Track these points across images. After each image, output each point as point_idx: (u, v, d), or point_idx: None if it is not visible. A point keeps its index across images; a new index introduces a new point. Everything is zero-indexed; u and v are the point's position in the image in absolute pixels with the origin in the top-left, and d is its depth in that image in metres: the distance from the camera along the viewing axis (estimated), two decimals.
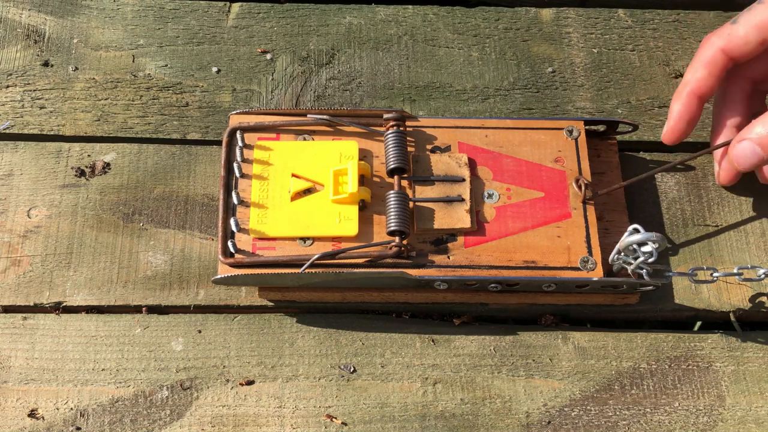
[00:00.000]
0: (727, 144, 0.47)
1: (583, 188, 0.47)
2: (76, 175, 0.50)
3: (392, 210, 0.45)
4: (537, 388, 0.46)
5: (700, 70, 0.46)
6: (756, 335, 0.48)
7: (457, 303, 0.48)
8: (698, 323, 0.50)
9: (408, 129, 0.49)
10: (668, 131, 0.48)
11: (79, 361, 0.46)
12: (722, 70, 0.45)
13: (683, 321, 0.50)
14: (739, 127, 0.48)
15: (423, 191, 0.47)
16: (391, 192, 0.45)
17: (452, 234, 0.46)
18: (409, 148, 0.48)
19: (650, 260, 0.44)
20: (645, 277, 0.45)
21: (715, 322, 0.49)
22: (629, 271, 0.45)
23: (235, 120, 0.49)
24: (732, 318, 0.48)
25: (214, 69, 0.54)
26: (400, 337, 0.47)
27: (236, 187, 0.46)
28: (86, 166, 0.51)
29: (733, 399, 0.46)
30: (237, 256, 0.45)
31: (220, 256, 0.44)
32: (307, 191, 0.47)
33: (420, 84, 0.55)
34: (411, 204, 0.46)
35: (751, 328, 0.48)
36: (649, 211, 0.51)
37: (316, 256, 0.44)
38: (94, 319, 0.47)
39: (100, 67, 0.54)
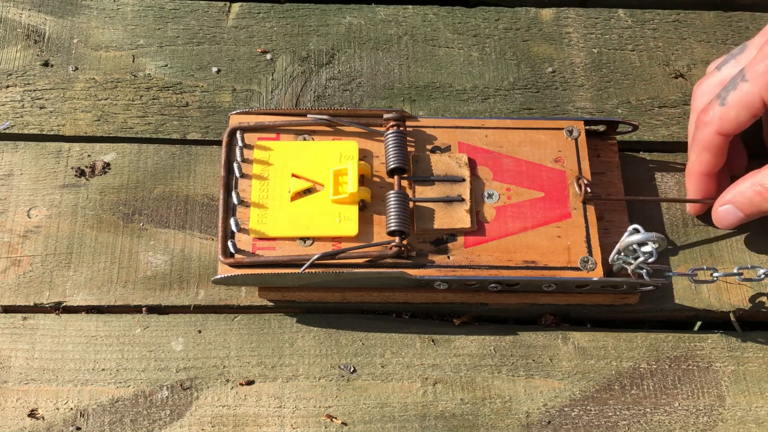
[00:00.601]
0: (711, 201, 0.49)
1: (583, 187, 0.47)
2: (76, 175, 0.50)
3: (392, 210, 0.45)
4: (537, 388, 0.46)
5: (703, 154, 0.48)
6: (756, 335, 0.48)
7: (457, 303, 0.48)
8: (698, 323, 0.50)
9: (408, 129, 0.49)
10: (689, 208, 0.51)
11: (79, 361, 0.46)
12: (723, 148, 0.47)
13: (683, 321, 0.50)
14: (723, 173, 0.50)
15: (423, 191, 0.47)
16: (391, 192, 0.45)
17: (452, 234, 0.46)
18: (409, 148, 0.48)
19: (650, 260, 0.44)
20: (645, 277, 0.45)
21: (715, 322, 0.49)
22: (629, 271, 0.45)
23: (235, 120, 0.49)
24: (732, 318, 0.48)
25: (214, 69, 0.54)
26: (400, 337, 0.47)
27: (236, 187, 0.46)
28: (86, 166, 0.51)
29: (733, 399, 0.46)
30: (237, 256, 0.45)
31: (220, 256, 0.44)
32: (307, 191, 0.47)
33: (420, 84, 0.55)
34: (411, 204, 0.46)
35: (751, 328, 0.48)
36: (649, 211, 0.51)
37: (316, 256, 0.44)
38: (94, 319, 0.47)
39: (100, 67, 0.54)
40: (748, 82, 0.45)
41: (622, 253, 0.45)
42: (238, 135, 0.48)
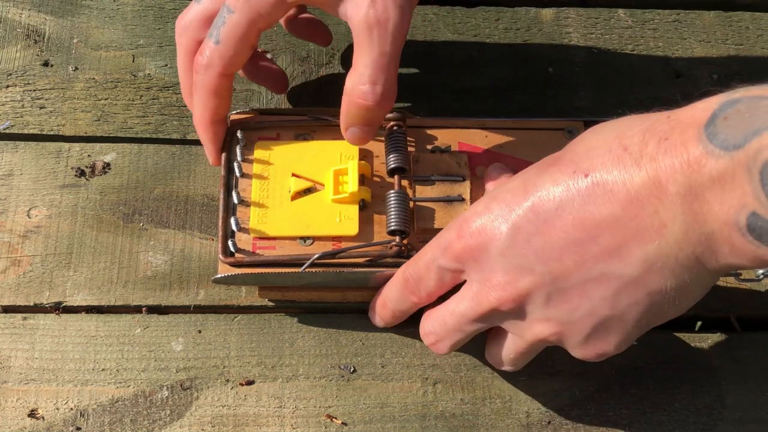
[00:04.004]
0: None
1: None
2: (76, 175, 0.50)
3: (392, 210, 0.45)
4: (537, 387, 0.46)
5: (211, 100, 0.45)
6: (756, 335, 0.48)
7: None
8: (698, 323, 0.50)
9: (408, 129, 0.48)
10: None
11: (79, 361, 0.45)
12: (229, 89, 0.45)
13: (683, 321, 0.50)
14: None
15: (423, 191, 0.47)
16: (392, 192, 0.45)
17: None
18: (410, 148, 0.48)
19: None
20: None
21: (715, 322, 0.49)
22: None
23: (235, 120, 0.49)
24: (732, 318, 0.48)
25: None
26: (400, 337, 0.47)
27: (236, 187, 0.46)
28: (86, 166, 0.51)
29: (733, 399, 0.46)
30: (237, 255, 0.45)
31: (220, 255, 0.44)
32: (308, 191, 0.47)
33: (420, 84, 0.55)
34: (411, 204, 0.46)
35: (751, 328, 0.48)
36: None
37: (316, 256, 0.44)
38: (94, 319, 0.47)
39: (100, 67, 0.54)
40: (234, 13, 0.42)
41: None
42: (238, 135, 0.48)
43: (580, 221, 0.35)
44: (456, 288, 0.41)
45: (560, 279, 0.36)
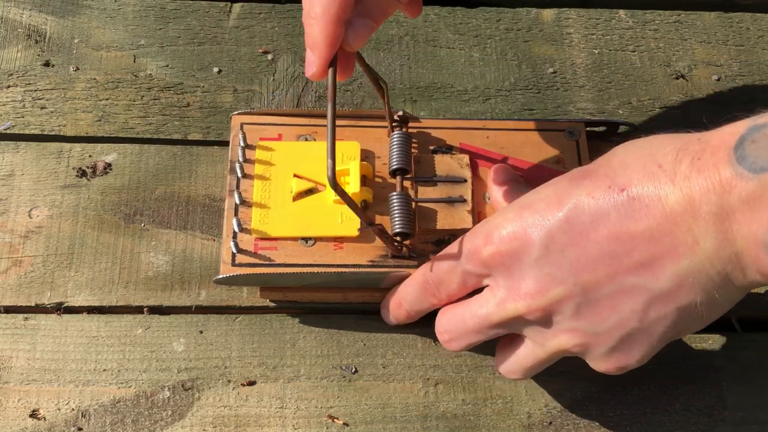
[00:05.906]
0: None
1: None
2: (77, 176, 0.50)
3: (396, 211, 0.45)
4: (538, 388, 0.46)
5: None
6: (756, 335, 0.48)
7: None
8: None
9: (410, 130, 0.49)
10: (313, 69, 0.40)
11: (81, 362, 0.45)
12: None
13: None
14: None
15: (425, 192, 0.47)
16: (394, 193, 0.45)
17: (454, 235, 0.46)
18: (412, 149, 0.48)
19: None
20: None
21: (716, 322, 0.49)
22: None
23: (236, 120, 0.49)
24: (733, 319, 0.48)
25: (216, 69, 0.54)
26: (401, 338, 0.47)
27: (238, 188, 0.46)
28: (87, 167, 0.51)
29: (734, 400, 0.46)
30: (239, 255, 0.45)
31: (222, 256, 0.44)
32: (309, 191, 0.47)
33: (421, 84, 0.55)
34: (413, 204, 0.46)
35: (751, 328, 0.49)
36: None
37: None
38: (96, 319, 0.47)
39: (101, 67, 0.54)
40: None
41: None
42: (240, 135, 0.48)
43: (616, 234, 0.35)
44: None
45: (591, 290, 0.36)
